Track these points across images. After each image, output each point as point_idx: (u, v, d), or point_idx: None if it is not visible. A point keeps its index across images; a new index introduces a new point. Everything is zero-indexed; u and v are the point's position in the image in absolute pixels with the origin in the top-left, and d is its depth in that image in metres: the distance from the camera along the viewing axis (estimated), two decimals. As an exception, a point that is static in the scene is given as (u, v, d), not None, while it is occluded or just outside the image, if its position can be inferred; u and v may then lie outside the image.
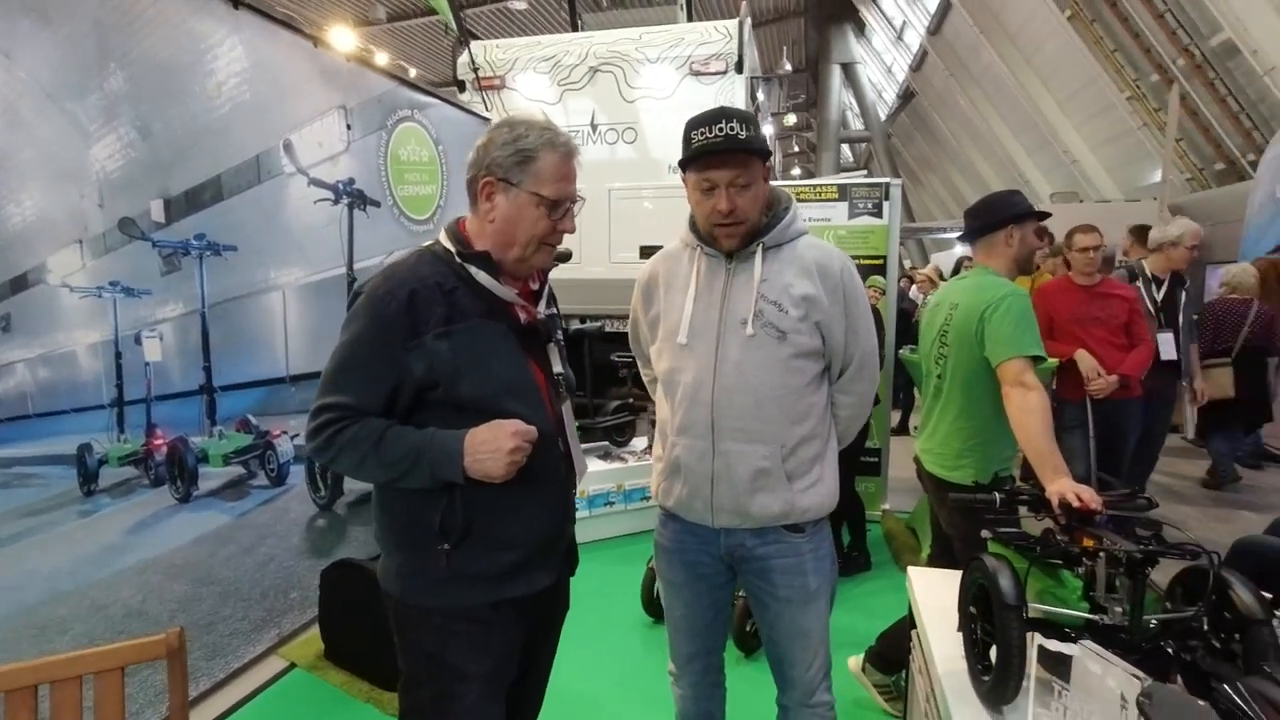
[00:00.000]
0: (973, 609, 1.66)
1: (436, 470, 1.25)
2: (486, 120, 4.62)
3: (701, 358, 1.58)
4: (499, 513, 1.31)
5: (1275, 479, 5.38)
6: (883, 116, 19.34)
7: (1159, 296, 3.83)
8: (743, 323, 1.55)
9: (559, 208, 1.35)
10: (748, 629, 2.85)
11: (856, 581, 3.61)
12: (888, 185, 4.20)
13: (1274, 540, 2.38)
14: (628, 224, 5.40)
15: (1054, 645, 1.22)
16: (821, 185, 4.32)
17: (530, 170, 1.32)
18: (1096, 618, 1.49)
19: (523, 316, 1.41)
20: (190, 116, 2.52)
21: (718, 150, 1.49)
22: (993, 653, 1.58)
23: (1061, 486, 1.72)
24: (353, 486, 3.38)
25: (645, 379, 1.90)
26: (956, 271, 6.51)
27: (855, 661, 2.57)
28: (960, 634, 1.72)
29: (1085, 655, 1.17)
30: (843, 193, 4.23)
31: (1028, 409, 1.94)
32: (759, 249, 1.58)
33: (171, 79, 2.44)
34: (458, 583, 1.31)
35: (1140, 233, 5.28)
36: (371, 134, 3.51)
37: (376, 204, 3.55)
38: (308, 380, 3.11)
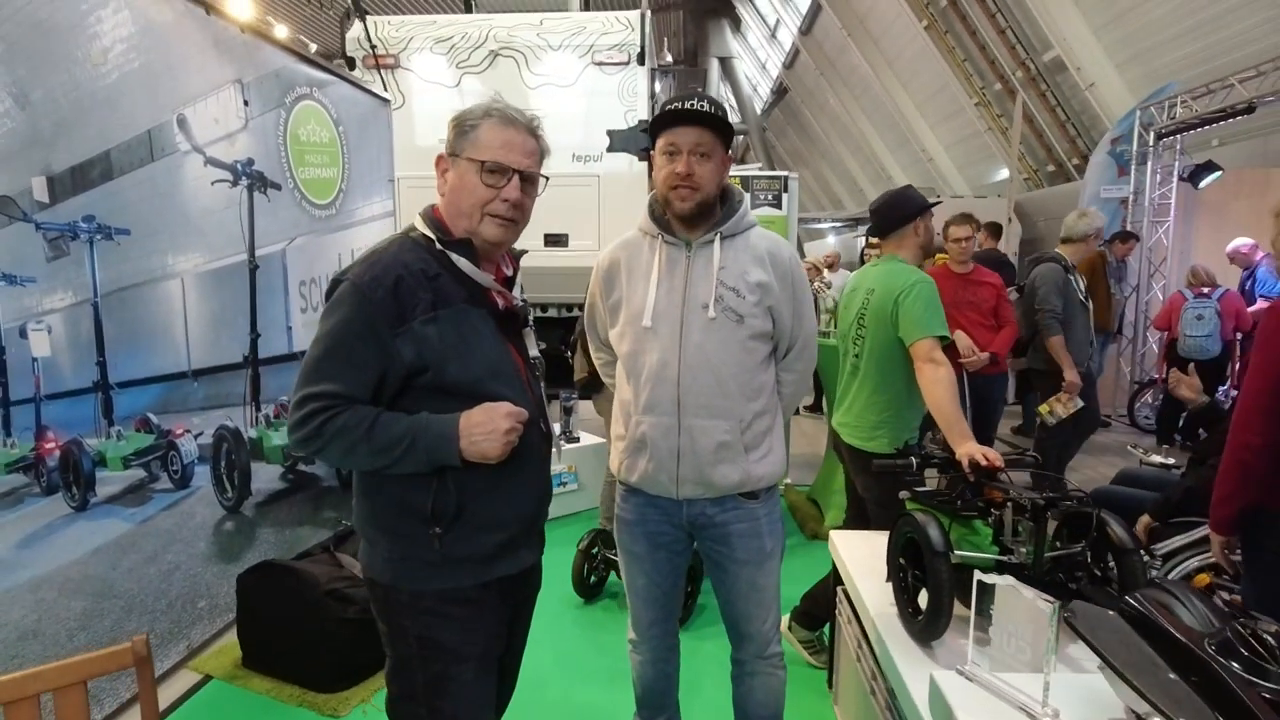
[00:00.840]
0: (902, 559, 1.87)
1: (433, 454, 1.26)
2: (386, 101, 4.45)
3: (666, 340, 1.67)
4: (488, 494, 1.34)
5: (1104, 439, 6.23)
6: (758, 111, 20.17)
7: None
8: (704, 307, 1.65)
9: (499, 175, 1.35)
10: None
11: (767, 550, 3.85)
12: (786, 178, 4.47)
13: (1121, 489, 2.83)
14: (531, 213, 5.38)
15: (990, 578, 1.41)
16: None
17: (470, 139, 1.35)
18: (1005, 558, 1.74)
19: (500, 302, 1.43)
20: (74, 84, 2.27)
21: (684, 115, 1.59)
22: (921, 597, 1.80)
23: (969, 449, 1.95)
24: (260, 486, 3.19)
25: (598, 362, 1.97)
26: (862, 260, 7.03)
27: (782, 621, 2.78)
28: (889, 583, 1.93)
29: (1016, 585, 1.37)
30: (745, 184, 4.44)
31: (938, 380, 2.19)
32: (717, 238, 1.68)
33: (51, 41, 2.20)
34: (450, 565, 1.33)
35: (992, 227, 5.94)
36: (269, 111, 3.30)
37: (277, 187, 3.34)
38: (210, 374, 2.90)
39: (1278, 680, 0.96)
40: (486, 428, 1.27)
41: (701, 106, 1.60)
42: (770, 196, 4.45)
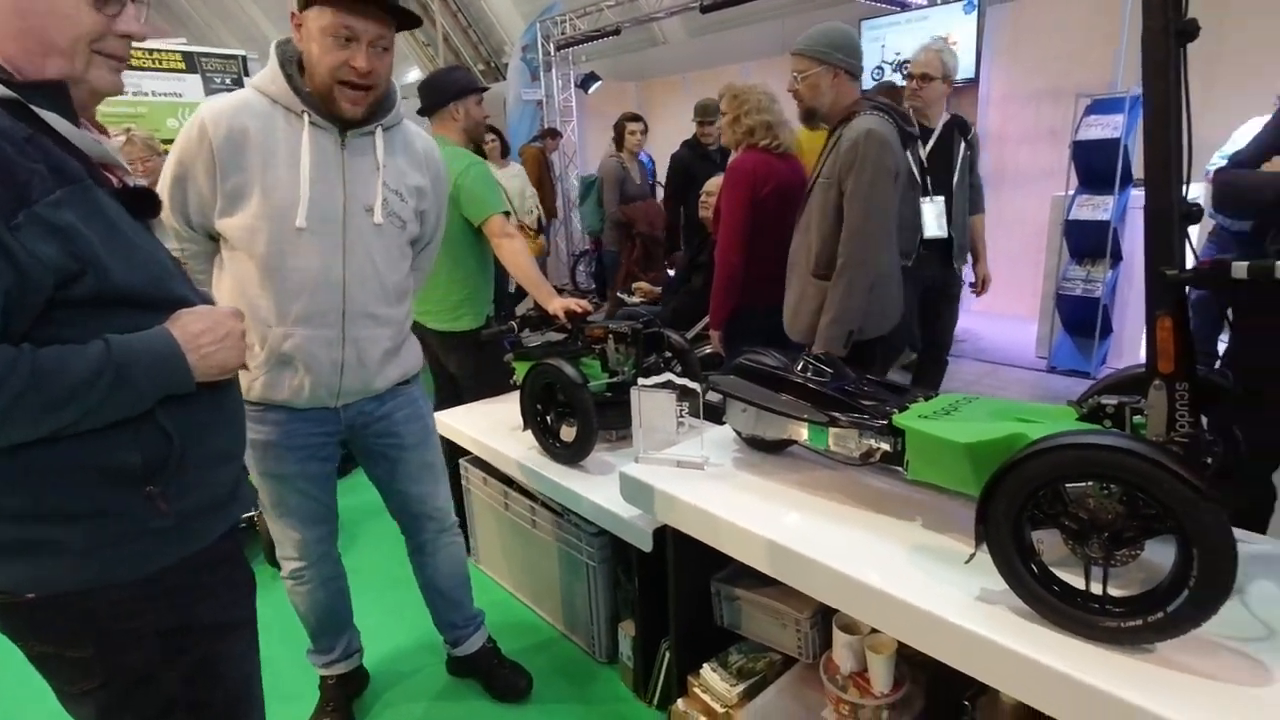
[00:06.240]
0: (538, 405, 2.14)
1: (159, 381, 0.90)
2: None
3: (326, 244, 1.49)
4: (213, 422, 1.03)
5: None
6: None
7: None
8: (368, 210, 1.52)
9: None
10: None
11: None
12: (244, 58, 3.83)
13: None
14: None
15: (647, 383, 1.79)
16: (161, 52, 3.61)
17: None
18: (616, 379, 2.19)
19: (114, 179, 1.04)
20: None
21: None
22: (562, 431, 2.12)
23: (559, 303, 2.30)
24: None
25: (184, 254, 1.53)
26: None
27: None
28: (527, 431, 2.19)
29: (669, 381, 1.78)
30: (191, 63, 3.64)
31: (516, 251, 2.43)
32: (378, 130, 1.53)
33: None
34: (183, 525, 0.98)
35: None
36: None
37: None
38: None
39: (831, 378, 1.61)
40: (216, 334, 0.97)
41: None
42: (229, 80, 3.76)
